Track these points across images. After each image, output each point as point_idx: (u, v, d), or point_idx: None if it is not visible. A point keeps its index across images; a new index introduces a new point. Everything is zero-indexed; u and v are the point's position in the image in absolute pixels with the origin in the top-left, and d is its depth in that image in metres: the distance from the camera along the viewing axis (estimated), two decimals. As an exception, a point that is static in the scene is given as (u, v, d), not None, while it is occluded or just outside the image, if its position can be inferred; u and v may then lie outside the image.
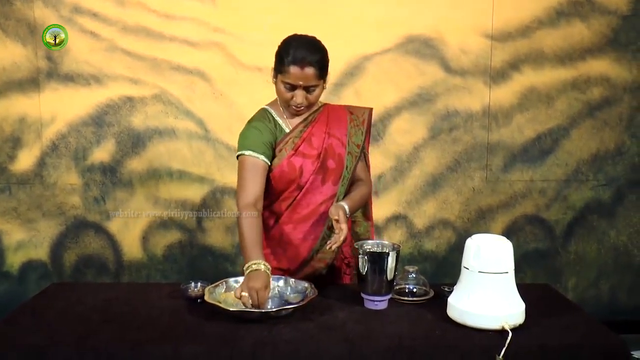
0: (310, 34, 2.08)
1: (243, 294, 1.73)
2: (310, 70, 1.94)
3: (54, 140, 3.26)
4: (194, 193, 3.32)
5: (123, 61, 3.21)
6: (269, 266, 1.83)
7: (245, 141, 2.05)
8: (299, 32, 2.09)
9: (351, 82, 3.27)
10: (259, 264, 1.80)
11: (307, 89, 1.97)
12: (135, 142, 3.28)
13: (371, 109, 2.24)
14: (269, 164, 2.04)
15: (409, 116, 3.33)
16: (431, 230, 3.43)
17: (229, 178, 3.30)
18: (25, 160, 3.27)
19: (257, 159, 2.01)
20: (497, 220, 3.44)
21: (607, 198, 3.46)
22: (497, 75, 3.33)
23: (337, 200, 2.07)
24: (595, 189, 3.45)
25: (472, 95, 3.33)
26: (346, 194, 2.12)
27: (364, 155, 2.21)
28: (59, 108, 3.24)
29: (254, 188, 1.98)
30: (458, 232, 3.42)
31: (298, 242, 2.08)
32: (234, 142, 3.31)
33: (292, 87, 1.97)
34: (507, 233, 3.39)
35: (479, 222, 3.43)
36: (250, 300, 1.72)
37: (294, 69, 1.93)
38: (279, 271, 2.08)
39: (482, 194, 3.42)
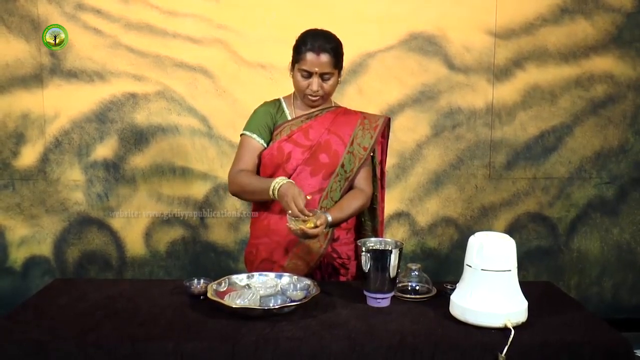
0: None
1: (289, 212, 1.88)
2: (325, 57, 2.02)
3: (57, 136, 3.26)
4: (197, 190, 3.33)
5: (126, 58, 3.21)
6: (288, 179, 1.97)
7: (246, 123, 2.20)
8: (302, 29, 2.13)
9: (354, 80, 3.27)
10: (278, 182, 1.95)
11: (323, 77, 2.04)
12: (138, 138, 3.28)
13: (388, 118, 2.25)
14: (265, 145, 2.14)
15: (412, 113, 3.32)
16: (434, 227, 3.43)
17: (232, 175, 3.30)
18: (28, 156, 3.28)
19: (252, 139, 2.15)
20: (499, 217, 3.43)
21: (610, 196, 3.46)
22: (501, 73, 3.32)
23: (327, 196, 2.10)
24: (598, 186, 3.45)
25: (475, 93, 3.33)
26: (342, 196, 2.14)
27: (373, 165, 2.23)
28: (62, 104, 3.24)
29: (246, 162, 2.14)
30: (461, 229, 3.42)
31: (284, 233, 2.06)
32: (236, 138, 3.31)
33: (309, 74, 2.04)
34: (510, 231, 3.39)
35: (481, 219, 3.42)
36: (296, 210, 1.86)
37: (310, 56, 2.02)
38: (268, 263, 2.11)
39: (485, 192, 3.41)
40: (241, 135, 2.19)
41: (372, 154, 2.21)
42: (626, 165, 3.44)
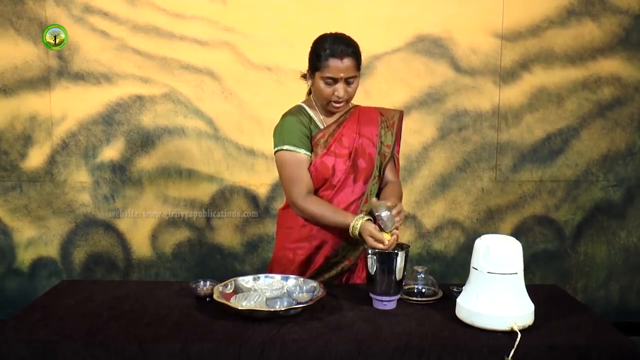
0: (319, 33, 2.09)
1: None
2: (349, 61, 1.98)
3: (64, 138, 3.28)
4: (203, 192, 3.33)
5: (133, 60, 3.23)
6: (364, 217, 1.91)
7: (283, 136, 2.07)
8: (308, 31, 2.12)
9: (361, 82, 3.23)
10: (356, 223, 1.90)
11: (347, 81, 2.01)
12: (144, 140, 3.29)
13: (402, 112, 2.25)
14: (310, 156, 2.06)
15: (419, 116, 3.32)
16: (440, 230, 3.42)
17: (238, 177, 3.31)
18: (36, 158, 3.29)
19: (298, 154, 2.04)
20: (506, 220, 3.42)
21: (617, 199, 3.44)
22: (507, 75, 3.32)
23: (367, 199, 2.10)
24: (605, 189, 3.43)
25: (481, 95, 3.32)
26: (378, 193, 2.14)
27: (393, 157, 2.23)
28: (70, 106, 3.26)
29: (304, 182, 2.04)
30: (467, 232, 3.41)
31: (326, 239, 2.09)
32: (243, 141, 3.35)
33: (334, 81, 2.00)
34: (516, 233, 3.38)
35: (488, 222, 3.41)
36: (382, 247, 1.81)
37: (334, 62, 1.97)
38: (307, 265, 2.11)
39: (491, 194, 3.40)
40: (280, 150, 2.06)
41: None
42: (633, 167, 3.43)
